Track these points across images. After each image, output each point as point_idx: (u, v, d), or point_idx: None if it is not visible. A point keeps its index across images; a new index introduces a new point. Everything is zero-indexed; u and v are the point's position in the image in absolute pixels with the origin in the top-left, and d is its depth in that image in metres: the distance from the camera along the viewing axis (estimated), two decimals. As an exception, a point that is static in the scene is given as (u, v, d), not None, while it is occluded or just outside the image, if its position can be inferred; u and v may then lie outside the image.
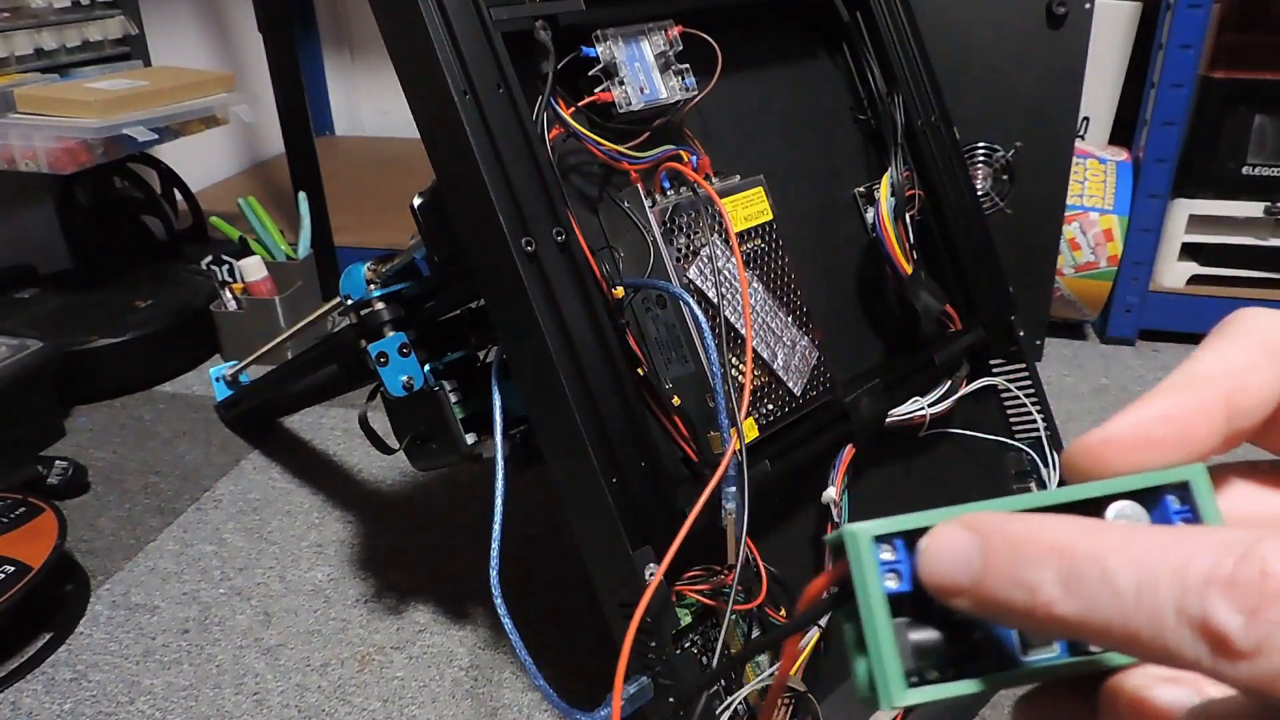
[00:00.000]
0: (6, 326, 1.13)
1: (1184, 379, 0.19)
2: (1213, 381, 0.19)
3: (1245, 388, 0.19)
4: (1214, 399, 0.19)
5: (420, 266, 0.65)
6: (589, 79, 0.55)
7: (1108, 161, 1.24)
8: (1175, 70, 1.16)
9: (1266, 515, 0.20)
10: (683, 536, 0.49)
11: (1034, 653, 0.19)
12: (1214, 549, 0.15)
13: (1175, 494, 0.19)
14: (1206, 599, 0.15)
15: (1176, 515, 0.19)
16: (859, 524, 0.18)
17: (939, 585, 0.18)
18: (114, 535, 0.91)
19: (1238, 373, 0.19)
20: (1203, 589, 0.15)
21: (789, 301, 0.61)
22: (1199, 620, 0.15)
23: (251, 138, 1.80)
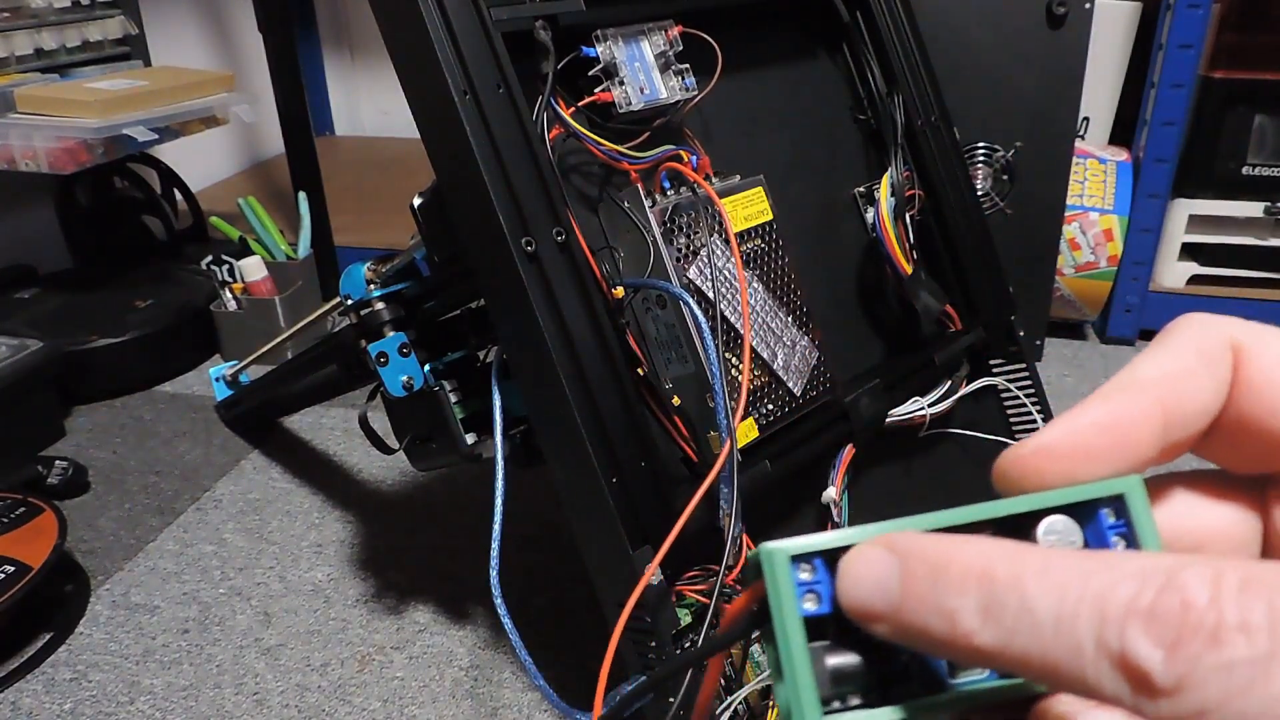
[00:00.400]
0: (6, 326, 1.13)
1: (1119, 385, 0.19)
2: (1148, 388, 0.18)
3: (1182, 394, 0.18)
4: (1150, 406, 0.18)
5: (420, 266, 0.65)
6: (589, 79, 0.55)
7: (1108, 161, 1.24)
8: (1175, 70, 1.16)
9: (1209, 529, 0.20)
10: (675, 535, 0.49)
11: (963, 676, 0.18)
12: (1135, 576, 0.14)
13: (1111, 508, 0.18)
14: (1125, 631, 0.14)
15: (1111, 531, 0.18)
16: (776, 542, 0.17)
17: (858, 610, 0.17)
18: (114, 535, 0.91)
19: (1174, 379, 0.18)
20: (1122, 620, 0.14)
21: (789, 301, 0.61)
22: (1118, 655, 0.14)
23: (251, 138, 1.80)
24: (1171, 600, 0.14)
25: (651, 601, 0.51)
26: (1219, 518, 0.20)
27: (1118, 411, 0.18)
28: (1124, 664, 0.14)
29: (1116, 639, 0.14)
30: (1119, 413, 0.18)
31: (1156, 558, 0.15)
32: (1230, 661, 0.13)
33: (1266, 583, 0.14)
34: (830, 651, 0.18)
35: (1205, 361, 0.18)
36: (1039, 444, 0.18)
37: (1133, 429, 0.18)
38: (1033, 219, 1.10)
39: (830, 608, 0.17)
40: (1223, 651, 0.13)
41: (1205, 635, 0.13)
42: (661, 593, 0.51)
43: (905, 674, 0.18)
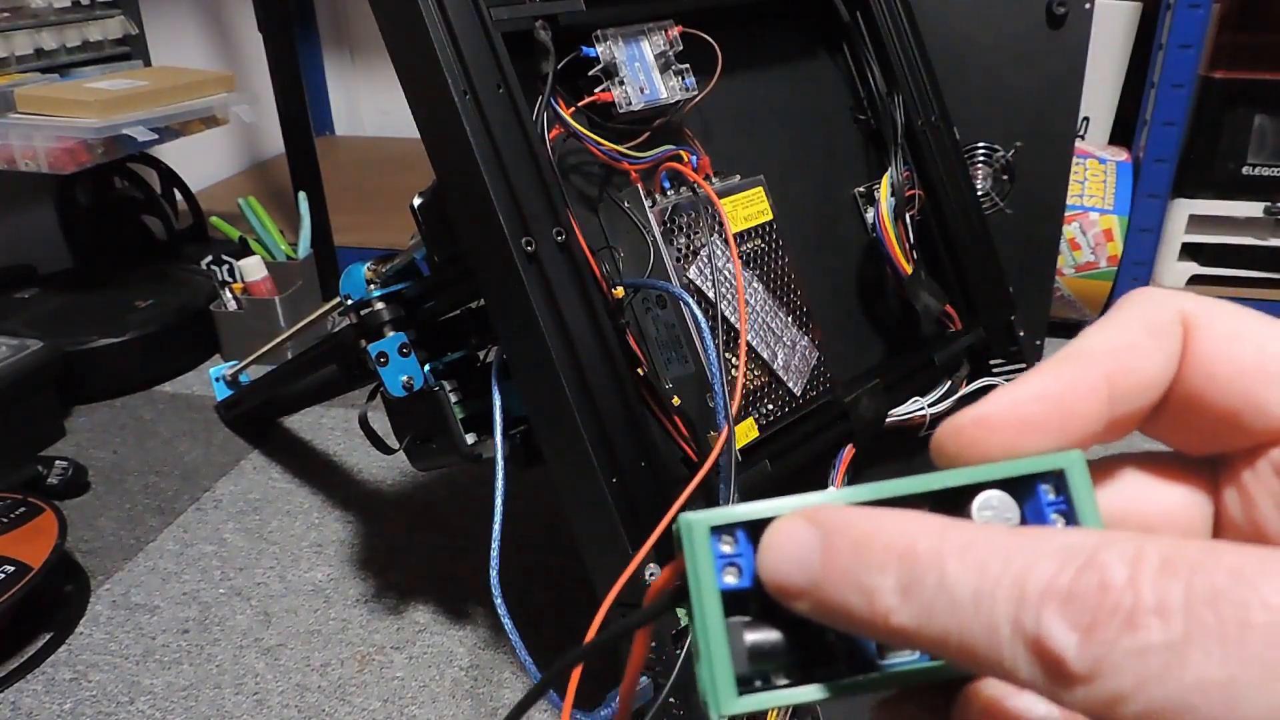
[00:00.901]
0: (6, 326, 1.13)
1: (1064, 357, 0.18)
2: (1094, 360, 0.17)
3: (1129, 367, 0.17)
4: (1095, 378, 0.17)
5: (420, 266, 0.65)
6: (589, 79, 0.55)
7: (1108, 161, 1.24)
8: (1175, 70, 1.16)
9: (1159, 511, 0.19)
10: (665, 526, 0.49)
11: (891, 656, 0.17)
12: (1056, 555, 0.14)
13: (1051, 484, 0.17)
14: (1042, 614, 0.13)
15: (1050, 508, 0.17)
16: (695, 513, 0.17)
17: (777, 586, 0.16)
18: (114, 535, 0.91)
19: (1121, 352, 0.17)
20: (1039, 602, 0.13)
21: (789, 301, 0.61)
22: (1033, 637, 0.13)
23: (251, 138, 1.80)
24: (1089, 580, 0.13)
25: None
26: (1170, 500, 0.19)
27: (1061, 383, 0.17)
28: (1038, 648, 0.13)
29: (1033, 621, 0.13)
30: (1062, 384, 0.17)
31: (1081, 534, 0.14)
32: (1144, 646, 0.12)
33: (1187, 562, 0.13)
34: (750, 628, 0.17)
35: (1153, 335, 0.18)
36: (978, 414, 0.18)
37: (1076, 401, 0.17)
38: (1033, 219, 1.10)
39: (752, 582, 0.17)
40: (1137, 635, 0.12)
41: (1121, 618, 0.13)
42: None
43: (831, 653, 0.17)
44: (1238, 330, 0.17)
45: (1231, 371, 0.17)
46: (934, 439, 0.18)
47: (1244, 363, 0.17)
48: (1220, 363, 0.17)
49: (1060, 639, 0.13)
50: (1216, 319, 0.17)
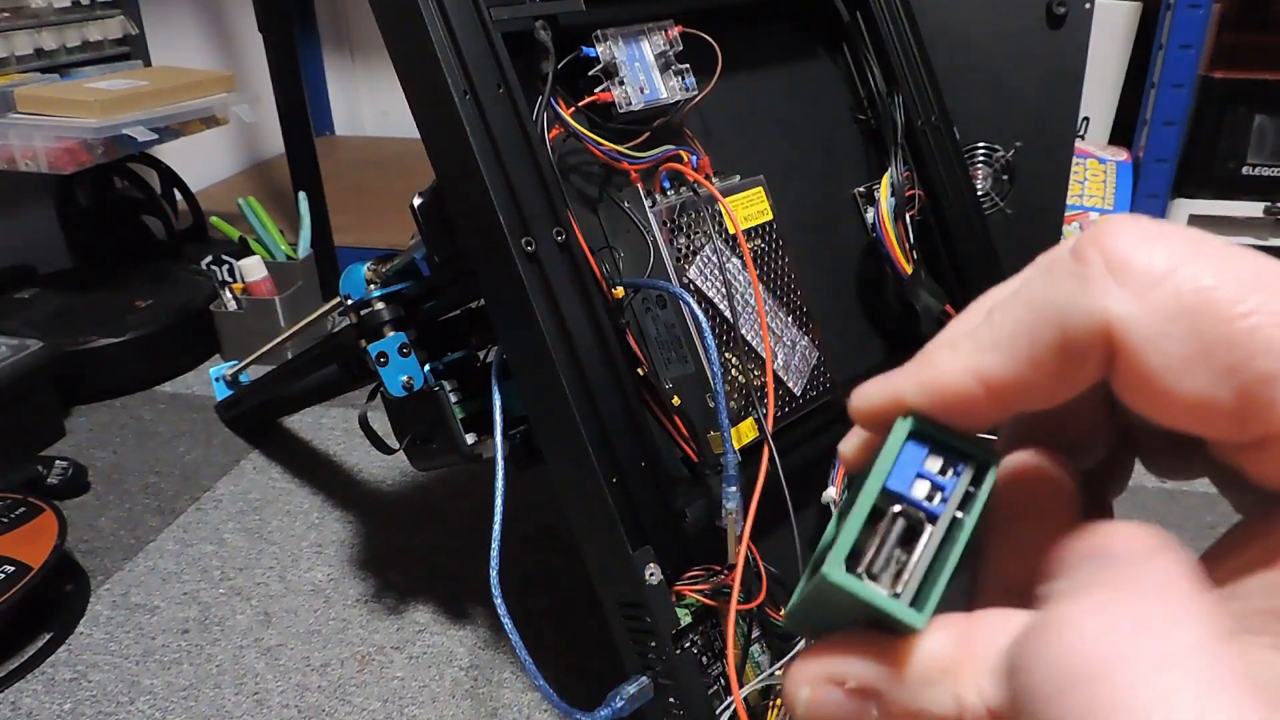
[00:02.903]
0: (6, 326, 1.13)
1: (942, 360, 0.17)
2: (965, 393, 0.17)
3: (1009, 403, 0.17)
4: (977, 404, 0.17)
5: (420, 266, 0.65)
6: (589, 79, 0.55)
7: (1108, 161, 1.24)
8: (1175, 70, 1.16)
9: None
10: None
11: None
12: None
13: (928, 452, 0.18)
14: None
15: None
16: (913, 417, 0.17)
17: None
18: (114, 535, 0.91)
19: (1000, 385, 0.17)
20: None
21: (789, 301, 0.61)
22: None
23: (251, 138, 1.80)
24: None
25: (654, 602, 0.51)
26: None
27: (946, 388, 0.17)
28: None
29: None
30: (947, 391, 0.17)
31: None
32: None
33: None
34: (898, 543, 0.17)
35: (1050, 368, 0.16)
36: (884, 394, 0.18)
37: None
38: (1033, 219, 1.10)
39: (939, 511, 0.17)
40: None
41: None
42: (662, 592, 0.51)
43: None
44: (1180, 359, 0.15)
45: (1179, 411, 0.15)
46: (858, 401, 0.18)
47: (1188, 400, 0.15)
48: (1162, 406, 0.15)
49: None
50: (1151, 347, 0.15)
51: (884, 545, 0.17)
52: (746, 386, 0.57)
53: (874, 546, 0.17)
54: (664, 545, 0.52)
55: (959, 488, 0.17)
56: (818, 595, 0.17)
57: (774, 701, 0.57)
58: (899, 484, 0.17)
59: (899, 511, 0.17)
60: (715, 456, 0.55)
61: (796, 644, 0.59)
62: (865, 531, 0.17)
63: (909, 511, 0.17)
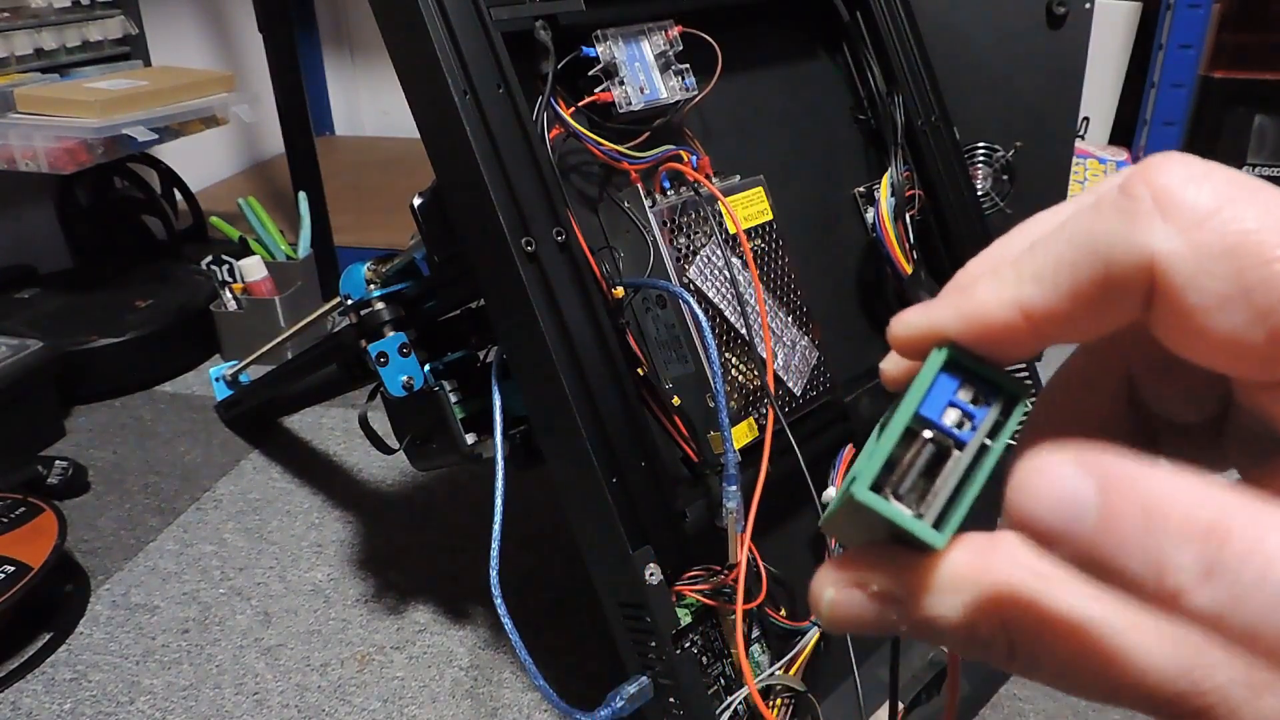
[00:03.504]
0: (6, 326, 1.13)
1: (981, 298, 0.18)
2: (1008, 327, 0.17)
3: (1047, 334, 0.17)
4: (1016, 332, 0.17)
5: (420, 266, 0.65)
6: (589, 79, 0.55)
7: (1108, 161, 1.24)
8: (1175, 70, 1.16)
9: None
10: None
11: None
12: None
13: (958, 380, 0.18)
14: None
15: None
16: (950, 348, 0.18)
17: (1034, 528, 0.15)
18: (114, 535, 0.91)
19: (1039, 321, 0.17)
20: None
21: (789, 301, 0.61)
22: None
23: (251, 138, 1.80)
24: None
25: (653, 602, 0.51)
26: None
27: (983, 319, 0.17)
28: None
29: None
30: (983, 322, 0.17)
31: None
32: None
33: None
34: (926, 468, 0.18)
35: (1094, 302, 0.16)
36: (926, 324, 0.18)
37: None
38: (1033, 219, 1.10)
39: (968, 438, 0.18)
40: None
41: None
42: (662, 593, 0.51)
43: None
44: (1217, 298, 0.15)
45: (1211, 348, 0.15)
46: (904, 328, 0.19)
47: (1222, 338, 0.15)
48: (1196, 343, 0.16)
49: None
50: (1192, 284, 0.15)
51: (912, 468, 0.18)
52: (746, 386, 0.57)
53: (902, 468, 0.18)
54: (664, 545, 0.52)
55: (989, 417, 0.18)
56: (848, 510, 0.18)
57: (774, 702, 0.57)
58: (931, 410, 0.18)
59: (929, 437, 0.18)
60: (715, 456, 0.55)
61: (796, 644, 0.59)
62: (896, 453, 0.18)
63: (939, 437, 0.18)
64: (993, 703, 0.71)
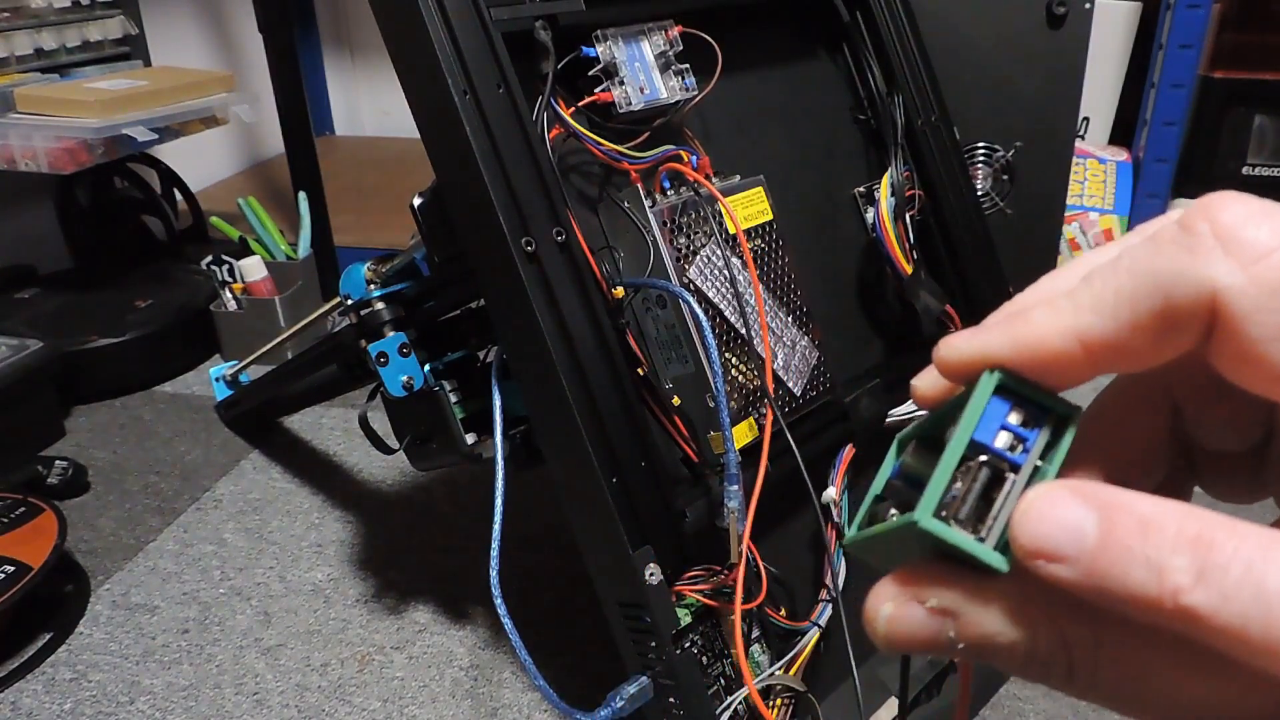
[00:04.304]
0: (6, 326, 1.13)
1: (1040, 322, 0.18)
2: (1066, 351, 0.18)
3: (1112, 363, 0.18)
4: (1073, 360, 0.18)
5: (420, 266, 0.65)
6: (589, 79, 0.55)
7: (1108, 161, 1.24)
8: (1175, 70, 1.16)
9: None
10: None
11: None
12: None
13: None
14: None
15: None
16: (1000, 371, 0.18)
17: (1039, 550, 0.16)
18: (114, 535, 0.91)
19: (1101, 348, 0.18)
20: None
21: (789, 301, 0.61)
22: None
23: (251, 138, 1.80)
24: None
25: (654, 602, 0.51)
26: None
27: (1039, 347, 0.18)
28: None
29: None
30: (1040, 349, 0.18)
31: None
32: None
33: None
34: (982, 492, 0.18)
35: (1155, 332, 0.17)
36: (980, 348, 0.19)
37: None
38: (1033, 219, 1.10)
39: (1021, 460, 0.18)
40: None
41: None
42: (663, 593, 0.51)
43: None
44: (1277, 330, 0.16)
45: (1271, 378, 0.16)
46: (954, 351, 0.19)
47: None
48: (1256, 373, 0.16)
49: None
50: (1254, 317, 0.16)
51: (969, 493, 0.18)
52: (746, 386, 0.57)
53: (958, 493, 0.18)
54: (664, 545, 0.52)
55: (1040, 439, 0.18)
56: (900, 534, 0.18)
57: (774, 702, 0.57)
58: (984, 435, 0.18)
59: (984, 461, 0.18)
60: (715, 456, 0.55)
61: (796, 644, 0.59)
62: (951, 479, 0.18)
63: (993, 461, 0.18)
64: (993, 703, 0.71)
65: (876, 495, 0.20)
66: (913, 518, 0.18)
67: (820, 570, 0.62)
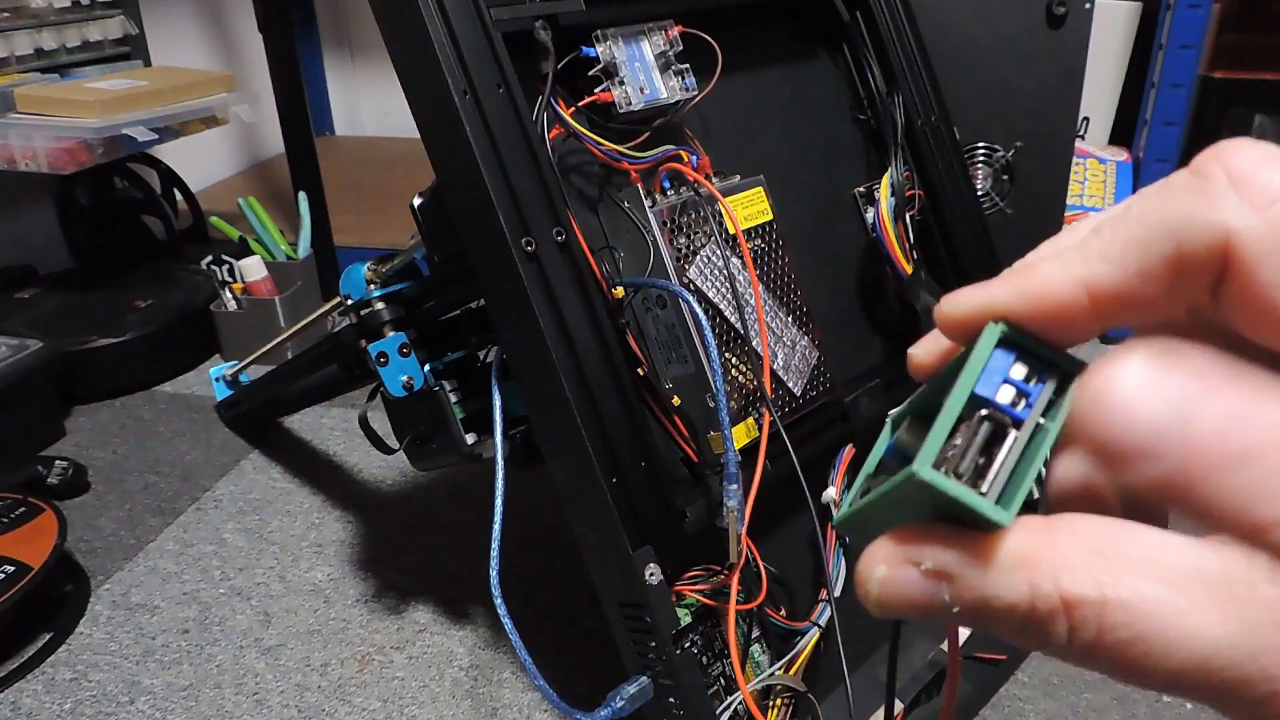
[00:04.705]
0: (6, 326, 1.13)
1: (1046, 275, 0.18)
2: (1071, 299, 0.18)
3: (1118, 313, 0.18)
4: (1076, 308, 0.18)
5: (420, 266, 0.65)
6: (589, 79, 0.55)
7: (1108, 161, 1.24)
8: (1175, 70, 1.16)
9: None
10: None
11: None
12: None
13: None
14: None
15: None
16: (1003, 323, 0.18)
17: (1114, 445, 0.16)
18: (114, 535, 0.91)
19: (1111, 294, 0.17)
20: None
21: (789, 301, 0.61)
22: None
23: (251, 138, 1.80)
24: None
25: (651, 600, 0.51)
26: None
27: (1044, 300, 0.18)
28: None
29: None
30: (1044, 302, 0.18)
31: None
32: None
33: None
34: (983, 446, 0.17)
35: (1167, 282, 0.17)
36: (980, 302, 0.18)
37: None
38: (1033, 219, 1.10)
39: (1025, 415, 0.17)
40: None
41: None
42: (662, 593, 0.51)
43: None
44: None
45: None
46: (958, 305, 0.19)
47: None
48: (1267, 321, 0.16)
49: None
50: (1267, 260, 0.15)
51: (969, 447, 0.17)
52: (746, 386, 0.57)
53: (958, 448, 0.17)
54: (664, 545, 0.52)
55: (1044, 395, 0.18)
56: (896, 498, 0.18)
57: (774, 702, 0.57)
58: (986, 389, 0.18)
59: (985, 415, 0.18)
60: (715, 456, 0.55)
61: (796, 644, 0.59)
62: (952, 433, 0.18)
63: (995, 415, 0.18)
64: (993, 703, 0.71)
65: (869, 474, 0.20)
66: (911, 470, 0.17)
67: (820, 570, 0.62)
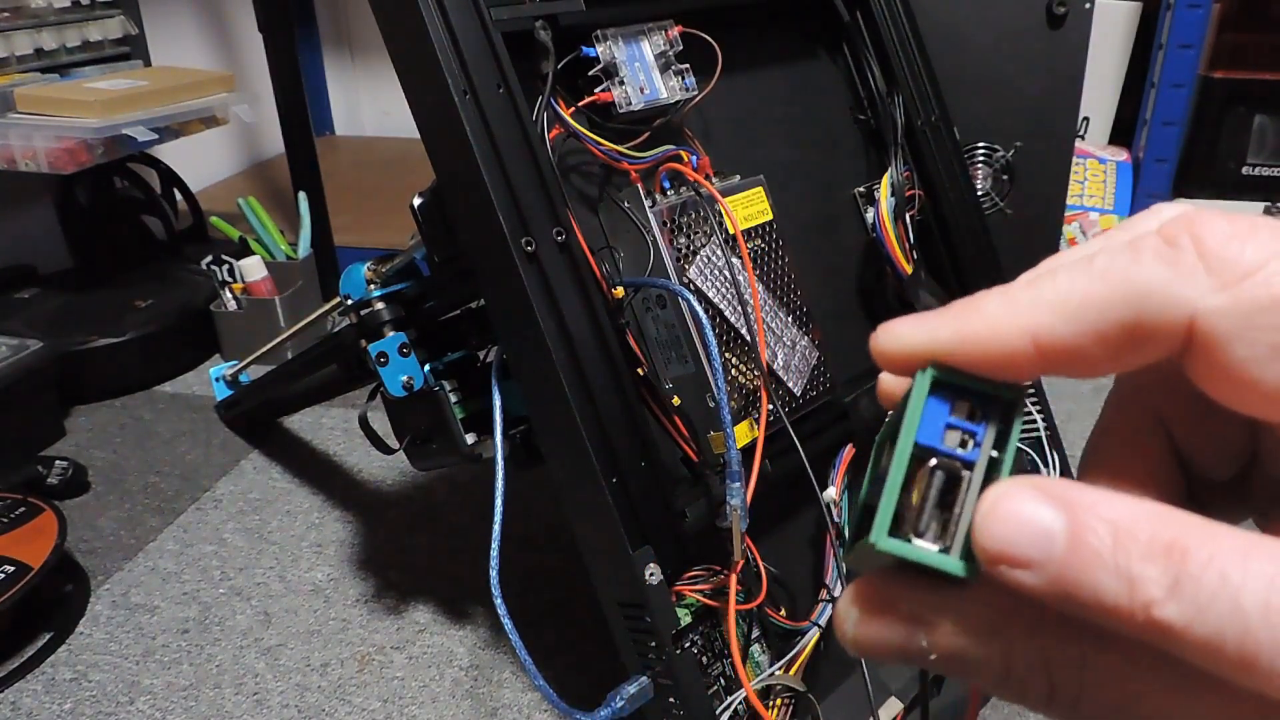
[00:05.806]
0: (6, 326, 1.13)
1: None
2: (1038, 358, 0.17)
3: (1077, 371, 0.17)
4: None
5: (420, 266, 0.65)
6: (589, 79, 0.55)
7: (1108, 161, 1.24)
8: (1175, 70, 1.16)
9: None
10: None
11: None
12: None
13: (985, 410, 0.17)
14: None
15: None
16: (936, 368, 0.17)
17: (1003, 556, 0.15)
18: (114, 535, 0.91)
19: (1066, 356, 0.17)
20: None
21: (789, 301, 0.61)
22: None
23: (251, 138, 1.80)
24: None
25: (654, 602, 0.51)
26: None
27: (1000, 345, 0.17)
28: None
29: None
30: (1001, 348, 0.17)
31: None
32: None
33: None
34: (939, 498, 0.17)
35: (1126, 354, 0.16)
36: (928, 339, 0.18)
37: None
38: (1033, 219, 1.10)
39: (973, 457, 0.17)
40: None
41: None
42: (662, 593, 0.51)
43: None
44: (1268, 349, 0.15)
45: (1261, 398, 0.15)
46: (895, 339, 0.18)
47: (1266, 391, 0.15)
48: (1243, 393, 0.16)
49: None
50: (1240, 338, 0.15)
51: (926, 500, 0.17)
52: (746, 386, 0.57)
53: (916, 503, 0.17)
54: (664, 545, 0.52)
55: (990, 430, 0.17)
56: (869, 555, 0.17)
57: (774, 702, 0.57)
58: (930, 437, 0.17)
59: (934, 466, 0.17)
60: (715, 456, 0.55)
61: (796, 644, 0.59)
62: (905, 488, 0.17)
63: (944, 463, 0.17)
64: (993, 702, 0.71)
65: (864, 505, 0.19)
66: (869, 541, 0.17)
67: (820, 570, 0.62)
